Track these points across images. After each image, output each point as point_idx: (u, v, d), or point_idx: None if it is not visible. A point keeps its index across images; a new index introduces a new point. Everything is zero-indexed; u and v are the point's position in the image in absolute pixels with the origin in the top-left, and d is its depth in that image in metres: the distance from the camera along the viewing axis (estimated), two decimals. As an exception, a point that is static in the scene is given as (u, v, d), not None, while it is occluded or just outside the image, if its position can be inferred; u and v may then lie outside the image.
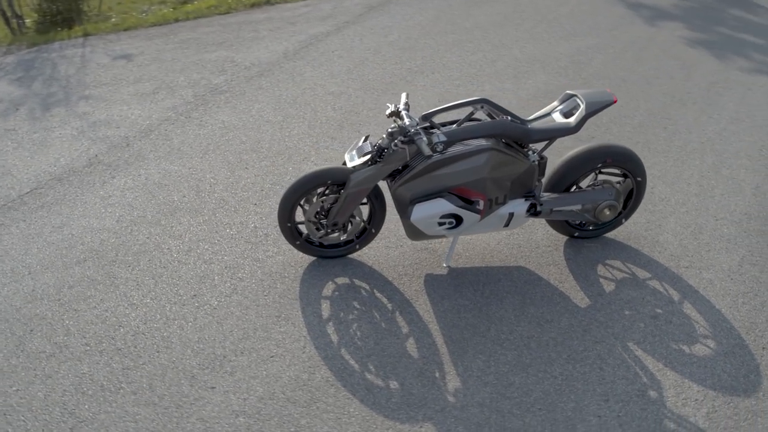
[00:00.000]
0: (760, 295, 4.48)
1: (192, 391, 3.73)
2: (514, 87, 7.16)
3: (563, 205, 4.63)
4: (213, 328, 4.12)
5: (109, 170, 5.65)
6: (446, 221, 4.41)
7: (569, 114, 4.61)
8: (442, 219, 4.39)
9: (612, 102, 4.61)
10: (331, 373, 3.88)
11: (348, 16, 9.09)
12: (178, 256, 4.69)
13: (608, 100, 4.60)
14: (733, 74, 7.70)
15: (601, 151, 4.67)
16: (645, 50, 8.27)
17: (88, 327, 4.13)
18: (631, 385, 3.82)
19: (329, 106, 6.69)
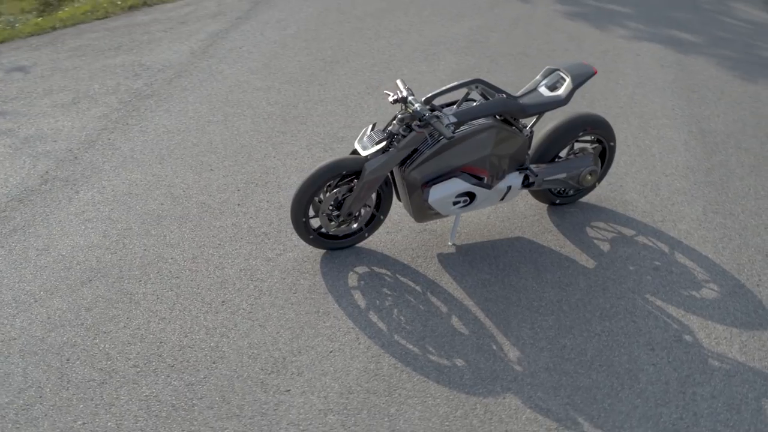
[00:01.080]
0: (733, 238, 4.83)
1: (268, 397, 3.58)
2: (430, 69, 7.26)
3: (552, 175, 4.77)
4: (258, 332, 3.97)
5: (69, 185, 5.25)
6: (461, 200, 4.45)
7: (554, 87, 4.75)
8: (457, 198, 4.43)
9: (593, 73, 4.80)
10: (396, 360, 3.84)
11: (237, 12, 8.84)
12: (187, 265, 4.46)
13: (590, 71, 4.78)
14: (618, 42, 8.17)
15: (581, 121, 4.85)
16: (531, 26, 8.62)
17: (128, 348, 3.85)
18: (666, 332, 4.01)
19: (263, 102, 6.52)
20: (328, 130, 6.08)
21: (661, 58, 7.84)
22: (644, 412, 3.56)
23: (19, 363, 3.75)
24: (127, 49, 7.73)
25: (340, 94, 6.69)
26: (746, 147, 6.00)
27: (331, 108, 6.41)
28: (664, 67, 7.58)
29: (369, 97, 6.67)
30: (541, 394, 3.65)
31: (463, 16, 8.91)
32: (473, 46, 7.96)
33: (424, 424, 3.47)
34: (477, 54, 7.72)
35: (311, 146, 5.81)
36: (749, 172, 5.62)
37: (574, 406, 3.60)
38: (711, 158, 5.81)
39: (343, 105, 6.49)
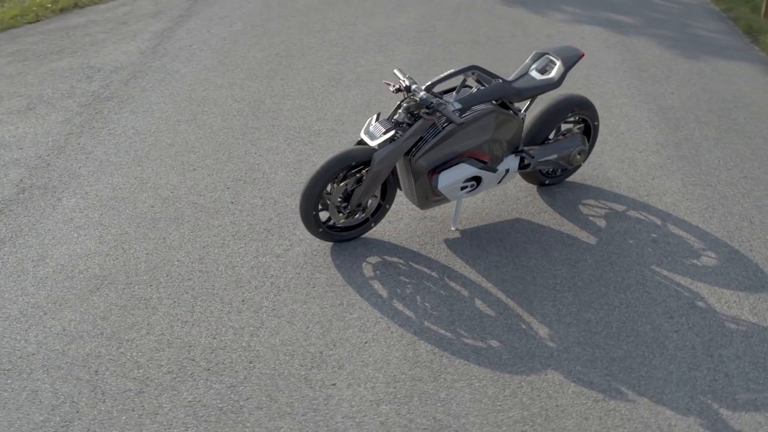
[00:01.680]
0: (717, 208, 4.99)
1: (315, 392, 3.49)
2: (386, 59, 7.24)
3: (545, 156, 4.83)
4: (288, 329, 3.87)
5: (49, 193, 4.99)
6: (468, 185, 4.45)
7: (543, 71, 4.80)
8: (464, 183, 4.42)
9: (581, 56, 4.87)
10: (432, 345, 3.81)
11: (177, 11, 8.59)
12: (195, 266, 4.31)
13: (578, 54, 4.86)
14: (561, 26, 8.34)
15: (568, 102, 4.92)
16: (473, 14, 8.70)
17: (157, 354, 3.69)
18: (679, 300, 4.11)
19: (229, 98, 6.35)
20: (302, 123, 5.98)
21: (605, 40, 8.01)
22: (679, 377, 3.62)
23: (45, 379, 3.54)
24: (70, 51, 7.40)
25: (304, 88, 6.57)
26: (705, 121, 6.19)
27: (300, 102, 6.30)
28: (609, 49, 7.75)
29: (334, 89, 6.60)
30: (579, 368, 3.66)
31: (404, 7, 8.89)
32: (422, 35, 7.95)
33: (476, 405, 3.44)
34: (429, 43, 7.70)
35: (289, 141, 5.70)
36: (714, 145, 5.81)
37: (613, 376, 3.63)
38: (676, 133, 5.96)
39: (310, 99, 6.39)
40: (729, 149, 5.75)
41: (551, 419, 3.39)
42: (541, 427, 3.38)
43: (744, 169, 5.51)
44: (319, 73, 6.89)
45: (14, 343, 3.75)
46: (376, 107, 6.22)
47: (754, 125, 6.16)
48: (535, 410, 3.44)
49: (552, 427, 3.36)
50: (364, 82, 6.68)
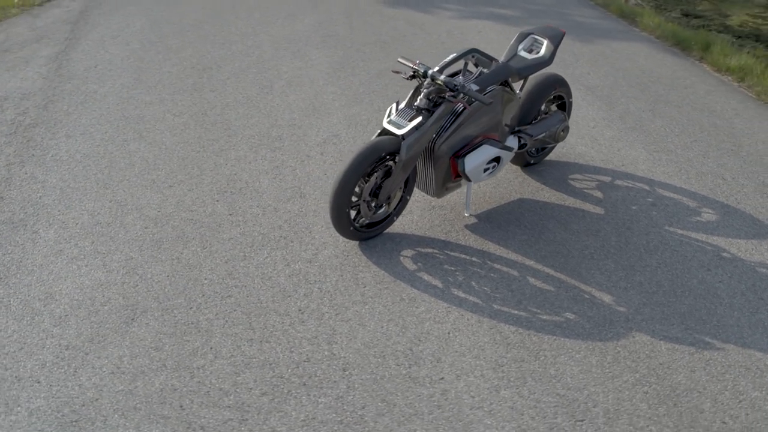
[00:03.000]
0: (688, 170, 5.23)
1: (429, 389, 3.28)
2: (306, 64, 7.11)
3: (537, 135, 4.83)
4: (363, 331, 3.62)
5: (20, 227, 4.40)
6: (490, 166, 4.35)
7: (531, 50, 4.78)
8: (487, 164, 4.31)
9: (563, 34, 4.91)
10: (514, 326, 3.69)
11: (62, 34, 7.89)
12: (228, 282, 3.95)
13: (561, 32, 4.90)
14: (454, 23, 8.53)
15: (549, 81, 4.96)
16: (365, 17, 8.68)
17: (240, 377, 3.31)
18: (706, 254, 4.24)
19: (167, 114, 5.89)
20: (258, 131, 5.65)
21: (500, 32, 8.19)
22: (747, 321, 3.70)
23: (125, 424, 3.07)
24: (-43, 82, 6.55)
25: (240, 98, 6.20)
26: (633, 96, 6.46)
27: (243, 111, 5.94)
28: (511, 39, 7.83)
29: (271, 96, 6.33)
30: (658, 326, 3.65)
31: (294, 16, 8.66)
32: (328, 40, 7.76)
33: (589, 376, 3.35)
34: (339, 47, 7.54)
35: (254, 148, 5.39)
36: (653, 116, 6.06)
37: (691, 329, 3.69)
38: (614, 109, 6.16)
39: (252, 107, 6.06)
40: (667, 118, 5.97)
41: (663, 377, 3.32)
42: (657, 385, 3.34)
43: (690, 133, 5.79)
44: (247, 83, 6.52)
45: (67, 390, 3.22)
46: (322, 110, 6.03)
47: (675, 95, 6.47)
48: (644, 371, 3.37)
49: (667, 384, 3.31)
50: (297, 86, 6.45)
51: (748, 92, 6.65)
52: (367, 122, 5.78)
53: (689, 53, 7.84)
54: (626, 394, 3.27)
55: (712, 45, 7.60)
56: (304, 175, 4.96)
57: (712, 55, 7.50)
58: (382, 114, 5.92)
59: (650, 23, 8.67)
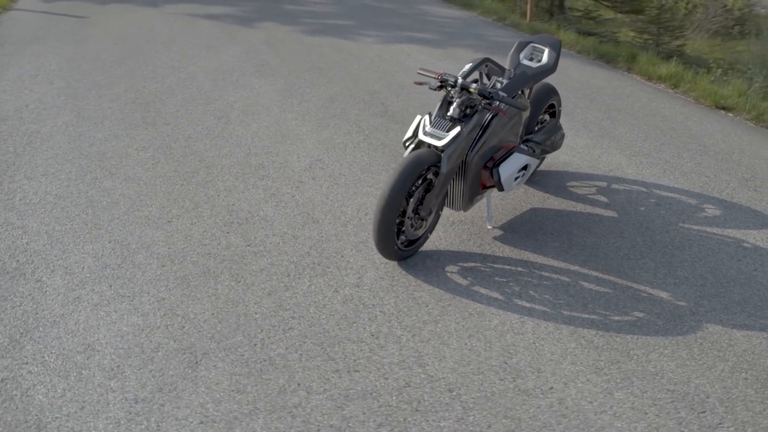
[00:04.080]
0: (671, 170, 5.43)
1: (546, 400, 3.17)
2: (253, 93, 6.81)
3: (542, 142, 4.86)
4: (448, 350, 3.48)
5: (17, 276, 3.96)
6: (520, 174, 4.32)
7: (532, 58, 4.82)
8: (518, 173, 4.29)
9: (560, 41, 4.98)
10: (593, 330, 3.63)
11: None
12: (283, 314, 3.69)
13: (558, 40, 4.97)
14: (377, 48, 8.55)
15: (545, 90, 5.03)
16: (287, 46, 8.62)
17: (344, 410, 3.07)
18: (729, 246, 4.39)
19: (129, 149, 5.51)
20: (236, 160, 5.41)
21: (429, 54, 8.38)
22: (799, 305, 3.76)
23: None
24: None
25: (200, 128, 5.91)
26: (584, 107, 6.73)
27: (211, 142, 5.66)
28: (442, 60, 7.98)
29: (233, 125, 6.07)
30: (724, 317, 3.71)
31: (215, 48, 8.44)
32: (263, 69, 7.58)
33: (686, 369, 3.34)
34: (278, 75, 7.40)
35: (240, 178, 5.13)
36: (613, 124, 6.34)
37: (754, 316, 3.75)
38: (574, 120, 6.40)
39: (218, 138, 5.81)
40: (627, 125, 6.18)
41: (753, 363, 3.40)
42: (752, 371, 3.36)
43: (655, 137, 6.00)
44: (199, 114, 6.21)
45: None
46: (291, 137, 5.85)
47: (622, 104, 6.73)
48: (734, 359, 3.41)
49: (761, 369, 3.37)
50: (254, 115, 6.24)
51: (686, 97, 6.95)
52: (344, 146, 5.67)
53: (615, 65, 8.12)
54: (729, 382, 3.26)
55: (638, 56, 7.88)
56: (305, 200, 4.71)
57: (639, 65, 7.80)
58: (353, 137, 5.82)
59: (568, 40, 8.92)
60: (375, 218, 3.76)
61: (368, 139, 5.74)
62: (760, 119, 6.34)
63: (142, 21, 9.75)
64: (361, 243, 4.25)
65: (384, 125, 6.04)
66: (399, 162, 3.82)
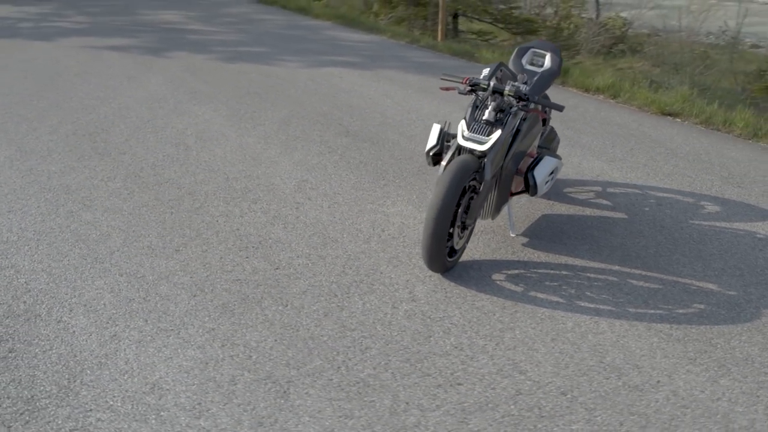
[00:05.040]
0: (654, 173, 5.60)
1: (663, 393, 3.13)
2: (201, 119, 6.49)
3: (548, 148, 4.93)
4: (539, 355, 3.38)
5: (33, 316, 3.51)
6: (550, 178, 4.34)
7: (533, 63, 4.88)
8: (549, 176, 4.31)
9: (557, 46, 5.07)
10: (666, 324, 3.62)
11: None
12: (352, 335, 3.47)
13: (555, 45, 5.05)
14: (299, 69, 8.49)
15: None
16: (214, 74, 8.35)
17: (471, 424, 2.92)
18: (744, 238, 4.57)
19: (96, 180, 5.09)
20: (217, 186, 5.14)
21: (360, 75, 8.33)
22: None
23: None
24: None
25: (162, 156, 5.62)
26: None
27: (180, 169, 5.40)
28: (376, 81, 7.94)
29: (195, 151, 5.82)
30: (775, 300, 3.76)
31: (135, 78, 8.13)
32: (198, 96, 7.33)
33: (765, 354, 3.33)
34: (217, 101, 7.21)
35: (232, 202, 4.88)
36: (574, 133, 6.50)
37: (803, 300, 3.77)
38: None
39: (186, 164, 5.53)
40: (589, 134, 6.44)
41: None
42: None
43: (621, 144, 6.18)
44: (153, 142, 5.91)
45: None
46: (263, 159, 5.66)
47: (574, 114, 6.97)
48: (811, 341, 3.41)
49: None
50: (213, 141, 6.02)
51: (628, 106, 7.21)
52: (323, 166, 5.52)
53: (545, 81, 8.27)
54: (816, 362, 3.24)
55: (570, 69, 8.10)
56: (312, 221, 4.50)
57: (573, 78, 8.02)
58: (327, 158, 5.68)
59: (489, 56, 9.08)
60: (428, 230, 3.58)
61: (344, 159, 5.54)
62: (709, 122, 6.61)
63: (43, 55, 9.16)
64: (393, 258, 4.05)
65: (353, 144, 5.89)
66: (446, 170, 3.71)
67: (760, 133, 6.34)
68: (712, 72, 8.56)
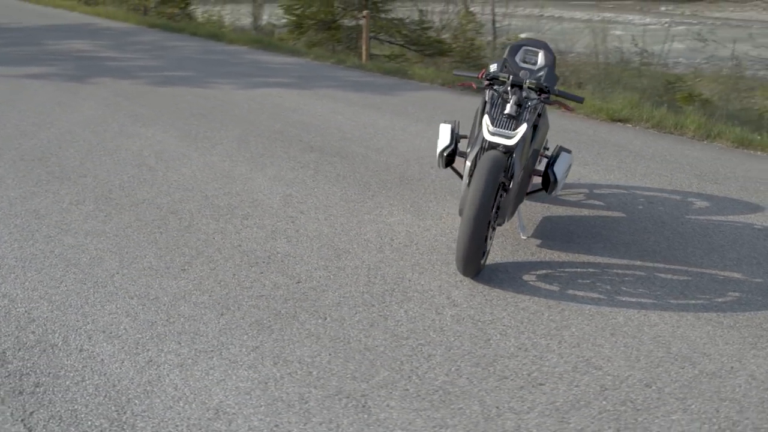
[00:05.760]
0: (631, 172, 5.65)
1: (750, 380, 3.09)
2: (149, 142, 6.11)
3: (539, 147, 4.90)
4: (607, 351, 3.27)
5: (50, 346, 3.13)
6: (566, 174, 4.30)
7: (526, 61, 4.81)
8: (566, 172, 4.26)
9: None
10: (714, 313, 3.59)
11: None
12: (409, 343, 3.27)
13: (544, 42, 5.01)
14: (242, 93, 8.23)
15: None
16: (146, 97, 8.01)
17: (569, 423, 2.78)
18: (745, 230, 4.64)
19: (66, 204, 4.69)
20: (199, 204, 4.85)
21: (298, 93, 8.23)
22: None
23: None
24: None
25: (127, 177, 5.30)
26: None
27: (152, 189, 5.09)
28: (323, 99, 7.79)
29: (161, 171, 5.47)
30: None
31: (65, 104, 7.75)
32: (141, 119, 7.01)
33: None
34: (162, 123, 6.91)
35: (223, 220, 4.60)
36: None
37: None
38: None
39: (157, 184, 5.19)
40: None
41: None
42: None
43: (585, 149, 6.23)
44: (112, 164, 5.58)
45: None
46: (236, 177, 5.39)
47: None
48: None
49: None
50: (176, 161, 5.71)
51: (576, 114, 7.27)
52: (301, 181, 5.31)
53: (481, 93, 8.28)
54: None
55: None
56: (314, 234, 4.32)
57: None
58: (302, 172, 5.47)
59: (422, 73, 9.06)
60: (468, 230, 3.42)
61: (319, 173, 5.33)
62: (660, 126, 6.74)
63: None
64: (415, 266, 3.89)
65: (322, 159, 5.73)
66: (479, 167, 3.59)
67: (712, 134, 6.47)
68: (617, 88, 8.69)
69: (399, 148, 6.07)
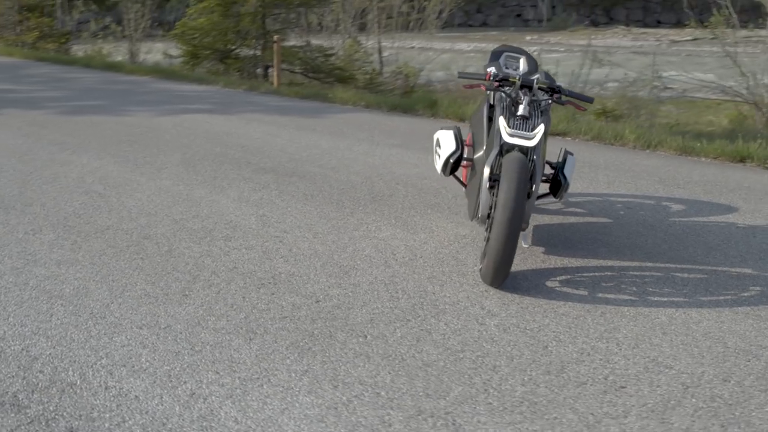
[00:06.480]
0: (610, 180, 5.67)
1: None
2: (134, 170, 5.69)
3: None
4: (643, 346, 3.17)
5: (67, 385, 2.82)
6: None
7: (508, 67, 4.73)
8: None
9: None
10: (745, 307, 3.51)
11: None
12: (465, 354, 3.03)
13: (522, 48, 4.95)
14: (168, 120, 7.89)
15: None
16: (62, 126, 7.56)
17: (671, 422, 2.68)
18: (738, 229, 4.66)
19: (10, 234, 4.21)
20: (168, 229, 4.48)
21: (224, 120, 7.84)
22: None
23: None
24: None
25: (80, 204, 4.85)
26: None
27: (112, 216, 4.66)
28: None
29: (112, 197, 5.08)
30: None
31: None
32: (78, 151, 6.56)
33: None
34: (103, 153, 6.50)
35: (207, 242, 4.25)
36: None
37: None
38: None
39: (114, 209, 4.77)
40: None
41: None
42: None
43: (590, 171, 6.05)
44: (60, 192, 5.13)
45: None
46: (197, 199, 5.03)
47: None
48: None
49: None
50: (125, 186, 5.31)
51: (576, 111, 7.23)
52: (270, 202, 5.03)
53: (415, 113, 8.22)
54: None
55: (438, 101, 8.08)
56: (311, 252, 4.07)
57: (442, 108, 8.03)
58: (267, 194, 5.19)
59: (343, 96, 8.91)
60: (503, 235, 3.25)
61: (284, 193, 5.08)
62: (600, 138, 6.82)
63: None
64: (432, 278, 3.69)
65: (281, 180, 5.49)
66: (506, 169, 3.44)
67: (653, 144, 6.56)
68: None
69: (353, 167, 5.82)
